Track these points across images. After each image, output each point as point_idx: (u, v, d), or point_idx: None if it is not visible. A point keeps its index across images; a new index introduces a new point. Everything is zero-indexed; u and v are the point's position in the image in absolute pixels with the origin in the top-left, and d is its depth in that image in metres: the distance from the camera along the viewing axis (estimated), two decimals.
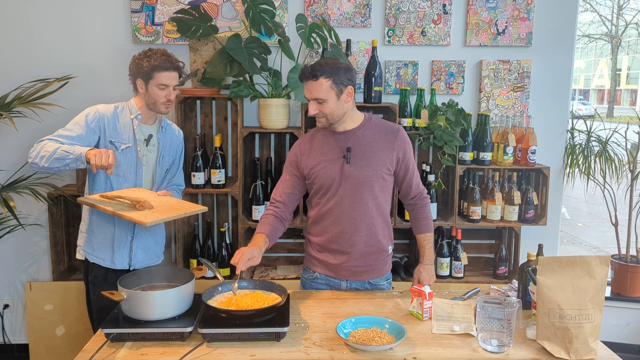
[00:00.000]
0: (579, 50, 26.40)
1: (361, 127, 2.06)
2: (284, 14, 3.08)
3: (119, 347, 1.62)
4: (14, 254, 3.25)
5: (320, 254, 2.13)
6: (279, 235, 2.10)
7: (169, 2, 3.05)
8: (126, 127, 2.19)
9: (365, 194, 2.04)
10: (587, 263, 1.61)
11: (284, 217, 2.11)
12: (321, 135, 2.11)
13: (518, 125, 3.02)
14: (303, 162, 2.10)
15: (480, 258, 3.32)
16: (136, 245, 2.26)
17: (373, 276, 2.15)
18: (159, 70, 2.12)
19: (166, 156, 2.31)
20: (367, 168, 2.03)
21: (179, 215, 1.96)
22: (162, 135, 2.30)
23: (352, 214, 2.05)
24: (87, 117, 2.14)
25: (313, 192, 2.12)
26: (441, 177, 3.03)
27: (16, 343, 3.32)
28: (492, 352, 1.61)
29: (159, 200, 2.07)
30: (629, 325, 3.41)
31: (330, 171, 2.04)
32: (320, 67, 1.92)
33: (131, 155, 2.19)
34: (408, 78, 3.16)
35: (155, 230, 2.32)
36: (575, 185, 3.46)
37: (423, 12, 3.10)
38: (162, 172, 2.31)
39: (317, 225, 2.12)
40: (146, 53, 2.15)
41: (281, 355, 1.58)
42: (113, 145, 2.15)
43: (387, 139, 2.06)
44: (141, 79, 2.15)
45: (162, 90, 2.15)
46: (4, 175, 3.13)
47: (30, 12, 3.06)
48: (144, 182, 2.25)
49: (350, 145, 2.03)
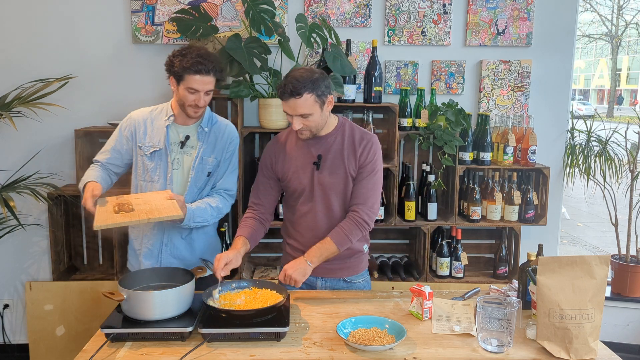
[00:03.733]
0: (579, 50, 26.40)
1: (334, 134, 2.05)
2: (284, 14, 3.08)
3: (119, 347, 1.62)
4: (14, 254, 3.25)
5: (296, 254, 2.12)
6: (261, 236, 2.11)
7: (169, 2, 3.05)
8: (159, 130, 2.11)
9: (333, 200, 2.04)
10: (587, 263, 1.61)
11: (264, 219, 2.12)
12: (294, 138, 2.09)
13: (518, 125, 3.02)
14: (278, 166, 2.10)
15: (480, 258, 3.32)
16: (167, 254, 2.16)
17: (348, 274, 2.15)
18: (189, 72, 1.97)
19: (206, 158, 2.13)
20: (334, 175, 2.02)
21: (137, 220, 1.82)
22: (204, 135, 2.14)
23: (323, 219, 2.05)
24: (121, 126, 2.16)
25: (288, 195, 2.15)
26: (441, 177, 3.03)
27: (16, 343, 3.32)
28: (492, 352, 1.61)
29: (150, 203, 1.95)
30: (629, 325, 3.41)
31: (302, 177, 2.04)
32: (301, 83, 1.86)
33: (160, 159, 2.10)
34: (408, 78, 3.16)
35: (191, 237, 2.18)
36: (575, 185, 3.46)
37: (423, 12, 3.10)
38: (202, 175, 2.13)
39: (292, 228, 2.14)
40: (182, 51, 2.01)
41: (281, 355, 1.58)
42: (141, 150, 2.11)
43: (353, 147, 2.02)
44: (173, 77, 2.03)
45: (192, 95, 2.01)
46: (4, 175, 3.13)
47: (31, 12, 3.05)
48: (175, 186, 2.11)
49: (321, 152, 2.02)
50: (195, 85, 1.99)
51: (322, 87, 1.92)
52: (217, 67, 2.03)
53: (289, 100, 1.89)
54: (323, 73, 1.96)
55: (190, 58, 1.96)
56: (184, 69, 1.96)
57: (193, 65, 1.95)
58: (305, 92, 1.87)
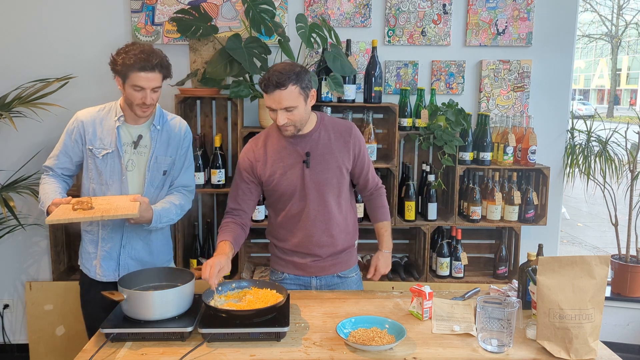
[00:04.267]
0: (579, 50, 26.40)
1: (317, 129, 2.04)
2: (284, 14, 3.08)
3: (119, 347, 1.62)
4: (14, 254, 3.25)
5: (287, 256, 2.13)
6: (242, 241, 2.07)
7: (169, 2, 3.05)
8: (109, 131, 2.03)
9: (328, 196, 2.04)
10: (587, 263, 1.61)
11: (244, 224, 2.08)
12: (275, 139, 2.05)
13: (518, 125, 3.02)
14: (259, 169, 2.05)
15: (480, 258, 3.32)
16: (125, 256, 2.11)
17: (341, 269, 2.16)
18: (133, 70, 1.91)
19: (161, 157, 2.09)
20: (326, 171, 2.02)
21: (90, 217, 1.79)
22: (157, 133, 2.08)
23: (318, 217, 2.05)
24: (68, 129, 2.07)
25: (275, 198, 2.09)
26: (441, 177, 3.03)
27: (16, 343, 3.32)
28: (492, 352, 1.61)
29: (112, 204, 1.91)
30: (629, 325, 3.41)
31: (291, 177, 2.02)
32: (285, 75, 1.85)
33: (113, 161, 2.04)
34: (408, 78, 3.16)
35: (150, 238, 2.14)
36: (575, 185, 3.46)
37: (423, 12, 3.10)
38: (158, 174, 2.09)
39: (282, 230, 2.11)
40: (125, 48, 1.95)
41: (281, 355, 1.58)
42: (92, 153, 2.04)
43: (343, 139, 2.05)
44: (118, 76, 1.97)
45: (138, 92, 1.94)
46: (4, 175, 3.13)
47: (31, 12, 3.05)
48: (130, 189, 2.06)
49: (308, 150, 2.01)
50: (141, 83, 1.92)
51: (306, 80, 1.91)
52: (162, 63, 1.97)
53: (274, 92, 1.87)
54: (304, 67, 1.96)
55: (133, 55, 1.91)
56: (127, 67, 1.91)
57: (136, 62, 1.90)
58: (289, 83, 1.86)
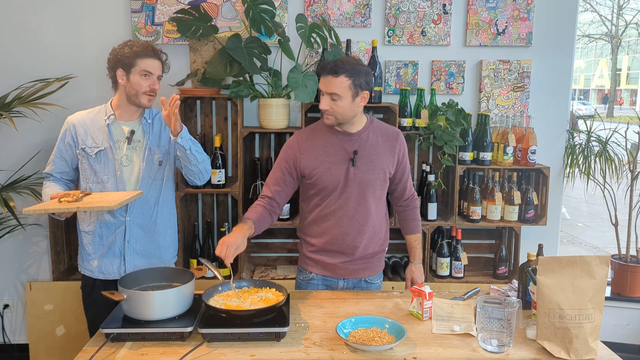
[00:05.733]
0: (579, 50, 26.40)
1: (365, 130, 2.07)
2: (284, 14, 3.08)
3: (119, 347, 1.62)
4: (14, 254, 3.25)
5: (316, 254, 2.13)
6: (266, 226, 2.05)
7: (169, 2, 3.05)
8: (100, 129, 2.09)
9: (369, 196, 2.06)
10: (587, 263, 1.61)
11: (273, 211, 2.08)
12: (321, 134, 2.08)
13: (518, 125, 3.02)
14: (303, 162, 2.06)
15: (480, 258, 3.32)
16: (131, 252, 2.13)
17: (370, 274, 2.17)
18: (141, 56, 2.01)
19: (154, 147, 2.12)
20: (371, 171, 2.04)
21: (65, 208, 1.82)
22: (148, 126, 2.13)
23: (355, 216, 2.05)
24: (61, 134, 2.15)
25: (314, 192, 2.09)
26: (441, 177, 3.03)
27: (16, 343, 3.32)
28: (492, 352, 1.61)
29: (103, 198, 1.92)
30: (629, 325, 3.41)
31: (336, 173, 2.03)
32: (343, 65, 1.92)
33: (107, 158, 2.07)
34: (408, 78, 3.16)
35: (156, 231, 2.17)
36: (575, 185, 3.46)
37: (423, 12, 3.10)
38: (153, 165, 2.12)
39: (316, 227, 2.11)
40: (126, 43, 2.06)
41: (281, 355, 1.58)
42: (85, 152, 2.08)
43: (389, 143, 2.09)
44: (122, 68, 2.04)
45: (146, 79, 2.03)
46: (4, 175, 3.13)
47: (31, 12, 3.05)
48: (127, 184, 2.09)
49: (356, 148, 2.04)
50: (150, 68, 2.03)
51: (361, 79, 1.95)
52: (163, 54, 2.10)
53: (326, 76, 1.94)
54: (369, 70, 2.00)
55: (139, 45, 2.03)
56: (135, 54, 2.01)
57: (144, 49, 2.03)
58: (343, 73, 1.91)
